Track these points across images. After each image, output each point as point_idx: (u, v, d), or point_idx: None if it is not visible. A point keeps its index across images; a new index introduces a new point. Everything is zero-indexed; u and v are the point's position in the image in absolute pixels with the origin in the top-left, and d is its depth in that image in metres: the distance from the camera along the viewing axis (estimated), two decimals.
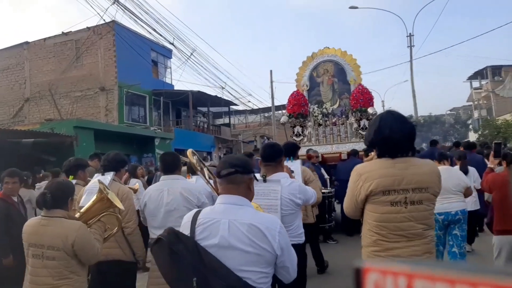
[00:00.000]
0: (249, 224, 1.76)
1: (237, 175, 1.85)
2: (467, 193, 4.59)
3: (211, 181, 2.96)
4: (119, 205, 2.75)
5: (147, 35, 18.45)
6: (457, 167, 5.33)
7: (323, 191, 5.48)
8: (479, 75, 43.01)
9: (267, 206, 2.75)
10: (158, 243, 1.82)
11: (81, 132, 12.98)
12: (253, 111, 31.59)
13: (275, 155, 3.05)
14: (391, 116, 2.22)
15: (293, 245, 2.27)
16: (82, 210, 2.73)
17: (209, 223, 1.80)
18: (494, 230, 3.55)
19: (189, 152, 3.09)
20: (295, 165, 3.77)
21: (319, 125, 9.02)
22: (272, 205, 2.80)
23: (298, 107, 9.00)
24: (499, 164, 3.89)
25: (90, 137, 13.28)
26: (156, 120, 21.19)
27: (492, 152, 4.09)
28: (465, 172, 5.34)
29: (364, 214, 2.26)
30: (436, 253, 4.58)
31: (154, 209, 3.12)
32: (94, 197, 2.74)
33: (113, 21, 17.69)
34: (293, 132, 9.03)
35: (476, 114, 41.06)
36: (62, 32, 19.49)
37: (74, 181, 3.33)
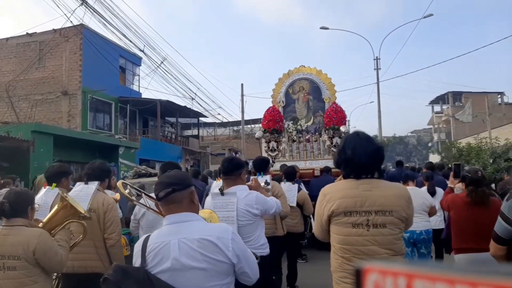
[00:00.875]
0: (199, 239, 1.74)
1: (175, 194, 1.82)
2: (431, 212, 4.85)
3: (151, 209, 2.87)
4: (81, 209, 2.71)
5: (117, 40, 17.84)
6: (424, 188, 5.56)
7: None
8: (440, 99, 44.95)
9: (224, 217, 2.87)
10: (105, 282, 1.74)
11: (39, 137, 12.33)
12: (222, 124, 31.59)
13: (233, 169, 3.12)
14: (356, 137, 2.23)
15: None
16: (44, 220, 2.69)
17: (159, 247, 1.76)
18: (453, 249, 3.73)
19: (119, 184, 2.99)
20: (262, 179, 3.92)
21: (293, 141, 9.26)
22: (229, 217, 2.91)
23: (273, 123, 9.20)
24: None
25: (48, 142, 12.67)
26: (122, 128, 20.37)
27: (452, 173, 4.26)
28: (433, 192, 5.57)
29: (330, 236, 2.24)
30: None
31: (153, 219, 3.08)
32: (56, 206, 2.71)
33: (81, 25, 17.00)
34: (268, 147, 9.22)
35: (435, 137, 42.70)
36: (27, 33, 18.55)
37: (56, 189, 3.20)
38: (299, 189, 5.86)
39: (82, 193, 3.10)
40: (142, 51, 16.14)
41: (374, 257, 2.05)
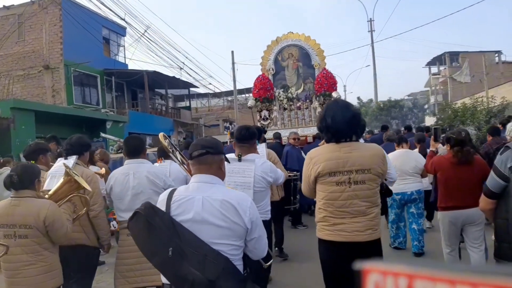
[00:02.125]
0: (222, 200, 1.91)
1: (208, 156, 1.99)
2: (424, 174, 5.00)
3: (184, 165, 3.07)
4: (86, 186, 2.84)
5: (96, 9, 17.13)
6: (416, 150, 5.65)
7: (288, 174, 5.87)
8: (437, 61, 44.15)
9: (241, 183, 3.04)
10: (136, 216, 1.93)
11: (20, 114, 12.00)
12: (216, 95, 31.32)
13: (250, 137, 3.29)
14: (335, 105, 2.50)
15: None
16: (50, 192, 2.81)
17: (183, 200, 1.94)
18: (438, 207, 3.96)
19: (160, 135, 3.14)
20: (260, 148, 4.05)
21: (284, 109, 9.35)
22: (246, 182, 3.06)
23: (264, 91, 9.26)
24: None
25: (30, 119, 12.32)
26: (110, 102, 19.77)
27: (432, 137, 4.49)
28: (425, 155, 5.63)
29: (316, 193, 2.54)
30: (398, 230, 5.35)
31: (120, 192, 3.22)
32: (61, 179, 2.83)
33: None
34: (260, 116, 9.32)
35: (432, 99, 42.18)
36: (4, 6, 17.80)
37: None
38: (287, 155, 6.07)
39: (62, 168, 3.10)
40: (123, 19, 15.47)
41: (353, 209, 2.38)
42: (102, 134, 12.68)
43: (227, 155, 2.29)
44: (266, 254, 2.12)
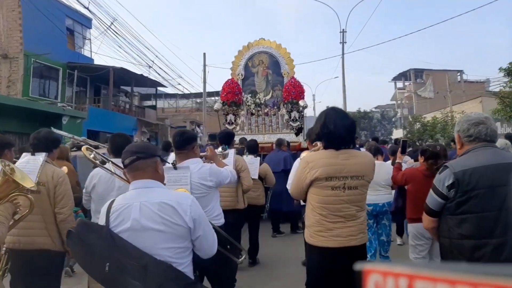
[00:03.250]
0: (160, 202, 1.89)
1: (139, 161, 1.96)
2: (394, 186, 5.14)
3: (115, 174, 2.92)
4: (30, 184, 2.60)
5: None
6: (389, 162, 5.76)
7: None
8: (403, 76, 45.54)
9: None
10: (69, 235, 1.93)
11: None
12: (185, 96, 30.99)
13: (185, 143, 3.17)
14: (335, 113, 2.59)
15: None
16: None
17: (121, 208, 1.91)
18: (408, 218, 4.03)
19: (83, 149, 2.92)
20: (229, 153, 4.08)
21: (252, 114, 9.47)
22: None
23: (232, 95, 9.34)
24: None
25: None
26: (70, 97, 18.65)
27: (399, 149, 4.60)
28: None
29: (308, 196, 2.62)
30: (369, 242, 5.17)
31: (103, 191, 3.11)
32: None
33: None
34: (226, 120, 9.40)
35: (399, 113, 43.20)
36: None
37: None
38: (261, 162, 6.03)
39: (29, 165, 2.96)
40: (87, 8, 14.58)
41: (346, 213, 2.50)
42: (53, 130, 11.62)
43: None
44: (215, 251, 2.10)
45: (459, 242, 2.35)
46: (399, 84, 46.68)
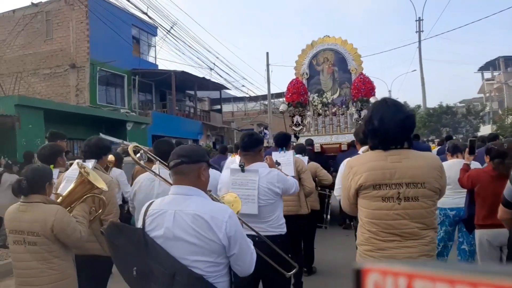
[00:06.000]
0: (194, 214, 1.85)
1: (183, 166, 1.94)
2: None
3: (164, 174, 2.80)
4: (102, 185, 2.75)
5: (116, 2, 16.12)
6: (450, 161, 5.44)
7: (320, 191, 5.75)
8: (491, 65, 40.80)
9: (244, 196, 2.89)
10: (103, 235, 1.98)
11: (26, 111, 11.45)
12: (252, 98, 31.43)
13: (253, 145, 3.08)
14: (384, 105, 2.17)
15: (275, 236, 2.86)
16: (64, 194, 2.78)
17: (156, 214, 1.91)
18: (475, 224, 3.78)
19: (130, 148, 2.81)
20: (287, 155, 4.08)
21: (319, 114, 9.19)
22: (249, 195, 2.92)
23: (298, 96, 9.04)
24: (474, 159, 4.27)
25: (38, 118, 11.77)
26: (137, 103, 18.77)
27: (467, 149, 4.27)
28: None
29: (358, 209, 2.26)
30: (445, 249, 4.80)
31: (144, 199, 3.02)
32: (75, 181, 2.81)
33: None
34: (292, 122, 9.16)
35: (487, 107, 38.52)
36: (32, 3, 17.19)
37: (56, 170, 3.32)
38: (330, 164, 5.97)
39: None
40: (146, 13, 14.35)
41: (403, 231, 2.06)
42: (101, 135, 11.18)
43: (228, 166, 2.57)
44: (252, 270, 1.99)
45: None
46: (487, 75, 41.70)
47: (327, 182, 5.35)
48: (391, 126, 2.05)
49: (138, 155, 3.04)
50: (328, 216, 6.40)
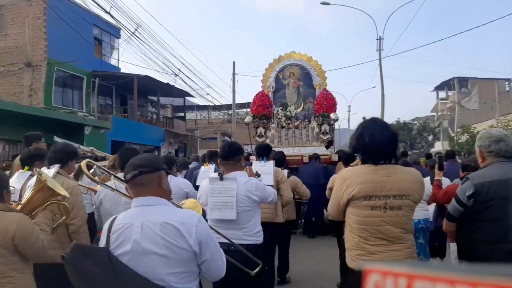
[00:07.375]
0: (162, 222, 1.77)
1: (142, 176, 1.86)
2: (430, 201, 4.89)
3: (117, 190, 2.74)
4: (63, 192, 2.65)
5: (81, 2, 15.41)
6: (428, 177, 5.52)
7: (298, 199, 5.94)
8: (446, 85, 42.81)
9: (223, 202, 2.99)
10: (64, 261, 1.78)
11: None
12: (216, 107, 31.20)
13: (233, 154, 3.14)
14: (374, 124, 2.40)
15: (250, 245, 2.90)
16: (22, 202, 2.66)
17: (122, 228, 1.81)
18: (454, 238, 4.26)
19: (82, 164, 2.82)
20: (267, 165, 4.15)
21: (282, 127, 9.49)
22: (228, 202, 2.99)
23: (263, 108, 9.32)
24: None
25: None
26: (96, 106, 17.90)
27: (436, 165, 4.39)
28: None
29: (346, 216, 2.47)
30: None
31: (111, 208, 3.03)
32: (33, 187, 2.73)
33: None
34: (256, 133, 9.39)
35: (444, 124, 40.44)
36: None
37: (29, 172, 3.24)
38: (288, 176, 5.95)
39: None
40: (108, 13, 13.75)
41: (389, 235, 2.28)
42: (56, 138, 10.23)
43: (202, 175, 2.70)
44: (223, 275, 1.97)
45: (475, 246, 2.63)
46: (442, 94, 43.75)
47: (306, 197, 5.69)
48: (381, 143, 2.30)
49: (92, 170, 2.98)
50: (302, 220, 6.86)
